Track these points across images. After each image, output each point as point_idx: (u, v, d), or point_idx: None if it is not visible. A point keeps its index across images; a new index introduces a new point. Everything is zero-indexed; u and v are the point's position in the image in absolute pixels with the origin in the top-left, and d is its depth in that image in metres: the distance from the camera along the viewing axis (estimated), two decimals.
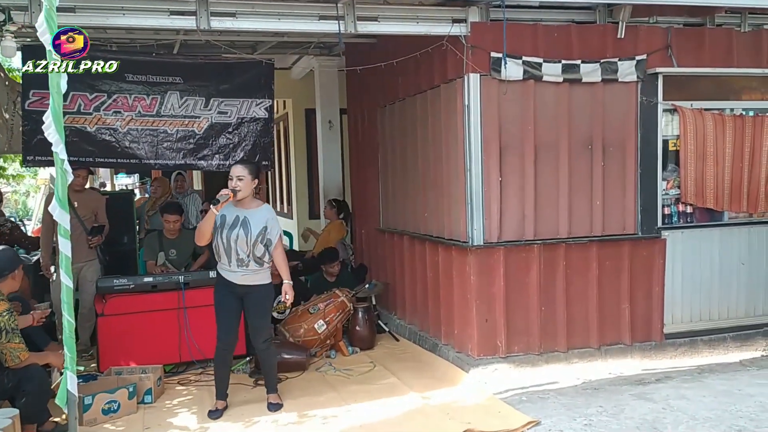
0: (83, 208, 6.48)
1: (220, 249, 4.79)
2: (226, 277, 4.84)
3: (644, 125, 5.74)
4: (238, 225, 4.74)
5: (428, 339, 6.27)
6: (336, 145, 9.51)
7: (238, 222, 4.75)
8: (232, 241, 4.73)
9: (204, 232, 4.76)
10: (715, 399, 4.83)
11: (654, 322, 5.85)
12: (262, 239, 4.78)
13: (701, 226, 5.98)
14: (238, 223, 4.75)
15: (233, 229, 4.73)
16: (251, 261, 4.78)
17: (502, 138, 5.42)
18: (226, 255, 4.77)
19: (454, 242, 5.64)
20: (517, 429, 4.40)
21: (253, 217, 4.80)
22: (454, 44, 5.38)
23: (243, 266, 4.77)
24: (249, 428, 4.64)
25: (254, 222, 4.78)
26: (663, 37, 5.74)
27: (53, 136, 3.54)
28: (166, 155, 6.67)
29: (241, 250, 4.74)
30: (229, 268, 4.80)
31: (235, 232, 4.73)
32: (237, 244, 4.73)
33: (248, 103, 6.88)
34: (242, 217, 4.77)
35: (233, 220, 4.75)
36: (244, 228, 4.74)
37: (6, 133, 6.62)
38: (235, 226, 4.74)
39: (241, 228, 4.74)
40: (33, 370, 4.06)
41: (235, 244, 4.73)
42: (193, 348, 5.88)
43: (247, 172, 4.78)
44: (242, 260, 4.76)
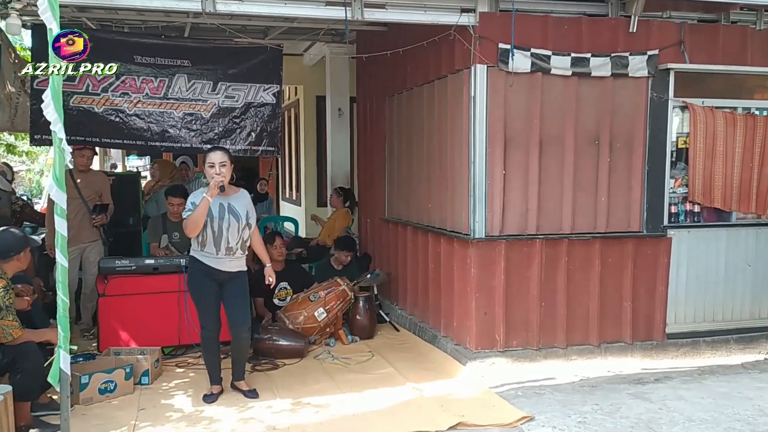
0: (87, 188, 6.51)
1: (207, 238, 4.72)
2: (209, 265, 4.78)
3: (653, 122, 5.66)
4: (226, 213, 4.74)
5: (428, 330, 6.25)
6: (345, 133, 9.48)
7: (225, 210, 4.74)
8: (224, 230, 4.71)
9: (198, 223, 4.63)
10: (713, 401, 4.77)
11: (656, 321, 5.79)
12: (247, 225, 4.80)
13: (708, 226, 5.90)
14: (225, 211, 4.74)
15: (223, 217, 4.72)
16: (239, 248, 4.79)
17: (508, 131, 5.36)
18: (214, 244, 4.73)
19: (456, 234, 5.61)
20: (511, 423, 4.37)
21: (237, 204, 4.80)
22: (461, 34, 5.32)
23: (230, 254, 4.77)
24: (243, 413, 4.64)
25: (239, 208, 4.79)
26: (676, 32, 5.65)
27: (52, 114, 3.53)
28: (173, 138, 6.67)
29: (232, 238, 4.73)
30: (216, 257, 4.76)
31: (225, 220, 4.72)
32: (229, 233, 4.71)
33: (256, 88, 6.86)
34: (227, 205, 4.75)
35: (219, 210, 4.72)
36: (233, 215, 4.74)
37: (9, 110, 6.63)
38: (223, 214, 4.72)
39: (230, 215, 4.74)
40: (28, 348, 4.06)
41: (227, 232, 4.71)
42: (193, 331, 5.84)
43: (227, 158, 4.77)
44: (231, 248, 4.76)
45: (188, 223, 4.67)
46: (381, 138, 7.54)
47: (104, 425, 4.39)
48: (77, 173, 6.53)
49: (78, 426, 4.31)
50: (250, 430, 4.32)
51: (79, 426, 4.32)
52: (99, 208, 6.51)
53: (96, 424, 4.41)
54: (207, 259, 4.79)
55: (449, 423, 4.34)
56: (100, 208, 6.52)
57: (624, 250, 5.68)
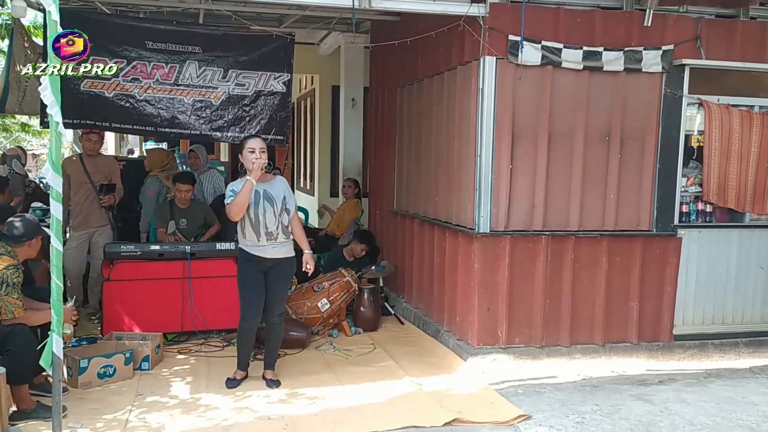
0: (97, 173, 6.55)
1: (246, 226, 4.76)
2: (254, 254, 4.79)
3: (667, 118, 5.54)
4: (262, 199, 4.75)
5: (432, 324, 6.20)
6: (358, 123, 9.42)
7: (260, 196, 4.75)
8: (260, 216, 4.72)
9: (243, 205, 4.63)
10: (716, 405, 4.68)
11: (663, 322, 5.69)
12: (285, 209, 4.80)
13: (720, 227, 5.78)
14: (261, 197, 4.75)
15: (258, 203, 4.73)
16: (280, 233, 4.78)
17: (516, 124, 5.27)
18: (254, 231, 4.74)
19: (461, 228, 5.54)
20: (507, 422, 4.31)
21: (273, 189, 4.82)
22: (471, 25, 5.24)
23: (272, 239, 4.76)
24: (239, 402, 4.64)
25: (275, 193, 4.80)
26: (692, 27, 5.50)
27: (49, 98, 3.51)
28: (182, 124, 6.67)
29: (270, 223, 4.73)
30: (258, 244, 4.77)
31: (261, 206, 4.73)
32: (266, 218, 4.72)
33: (266, 76, 6.83)
34: (262, 191, 4.77)
35: (254, 196, 4.73)
36: (269, 200, 4.76)
37: (18, 93, 6.67)
38: (258, 200, 4.74)
39: (266, 201, 4.75)
40: (18, 330, 4.06)
41: (264, 218, 4.72)
42: (196, 318, 5.91)
43: (265, 144, 4.83)
44: (271, 233, 4.75)
45: (232, 206, 4.68)
46: (392, 129, 7.48)
47: (101, 409, 4.40)
48: (86, 158, 6.57)
49: (75, 409, 4.35)
50: (241, 419, 4.30)
51: (76, 409, 4.36)
52: (106, 188, 6.53)
53: (93, 408, 4.43)
54: (250, 248, 4.81)
55: (445, 419, 4.30)
56: (107, 188, 6.54)
57: (632, 248, 5.58)
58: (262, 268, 4.83)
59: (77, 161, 6.65)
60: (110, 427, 4.14)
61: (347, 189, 8.55)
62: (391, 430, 4.16)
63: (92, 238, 6.57)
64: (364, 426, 4.20)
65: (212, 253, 6.07)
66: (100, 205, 6.52)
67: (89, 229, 6.54)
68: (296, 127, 13.91)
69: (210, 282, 6.00)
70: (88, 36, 6.23)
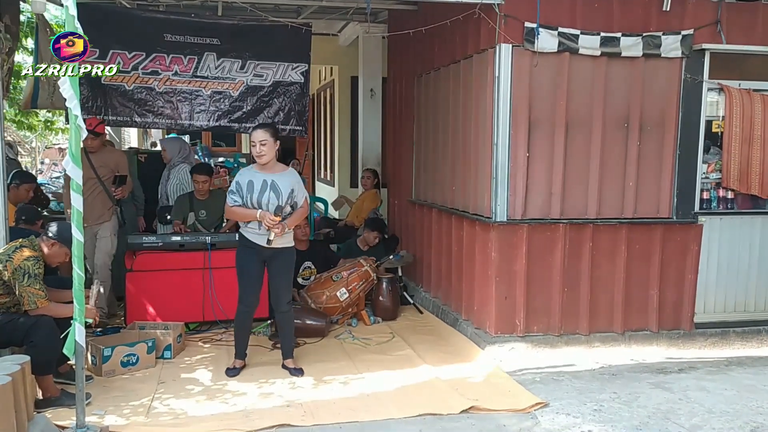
0: (103, 167, 6.18)
1: None
2: (253, 241, 4.87)
3: (686, 104, 5.47)
4: (268, 188, 4.79)
5: (450, 313, 6.21)
6: (377, 114, 9.44)
7: (267, 186, 4.79)
8: (264, 205, 4.76)
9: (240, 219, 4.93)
10: (737, 393, 4.64)
11: (684, 310, 5.64)
12: (291, 202, 4.83)
13: (742, 213, 5.69)
14: (267, 187, 4.79)
15: (263, 192, 4.78)
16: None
17: (532, 112, 5.25)
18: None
19: (478, 217, 5.53)
20: (524, 409, 4.32)
21: (281, 181, 4.84)
22: (487, 13, 5.21)
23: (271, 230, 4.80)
24: (263, 389, 4.70)
25: (282, 185, 4.82)
26: (713, 11, 5.42)
27: (68, 91, 3.58)
28: (201, 116, 6.75)
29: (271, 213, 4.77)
30: (258, 232, 4.83)
31: (266, 195, 4.77)
32: (268, 208, 4.76)
33: (284, 67, 6.88)
34: (270, 181, 4.81)
35: (261, 185, 4.79)
36: (275, 191, 4.79)
37: (48, 88, 6.77)
38: (264, 190, 4.78)
39: (271, 191, 4.79)
40: (42, 322, 4.14)
41: (266, 207, 4.76)
42: (217, 308, 5.99)
43: (269, 135, 4.79)
44: None
45: (231, 213, 5.00)
46: (410, 119, 7.48)
47: (124, 397, 4.49)
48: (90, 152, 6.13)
49: (99, 397, 4.44)
50: (262, 405, 4.36)
51: (100, 397, 4.45)
52: (119, 179, 6.21)
53: (116, 395, 4.52)
54: (250, 234, 4.87)
55: (462, 406, 4.32)
56: (120, 179, 6.21)
57: (652, 236, 5.53)
58: (262, 256, 4.88)
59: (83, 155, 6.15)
60: (135, 413, 4.23)
61: (366, 179, 8.58)
62: (408, 417, 4.19)
63: (97, 232, 6.21)
64: (381, 413, 4.24)
65: (232, 244, 6.05)
66: (112, 197, 6.21)
67: (93, 224, 6.09)
68: (316, 119, 13.96)
69: (230, 272, 5.94)
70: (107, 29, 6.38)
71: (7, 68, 5.71)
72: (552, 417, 4.22)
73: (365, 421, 4.12)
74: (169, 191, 7.00)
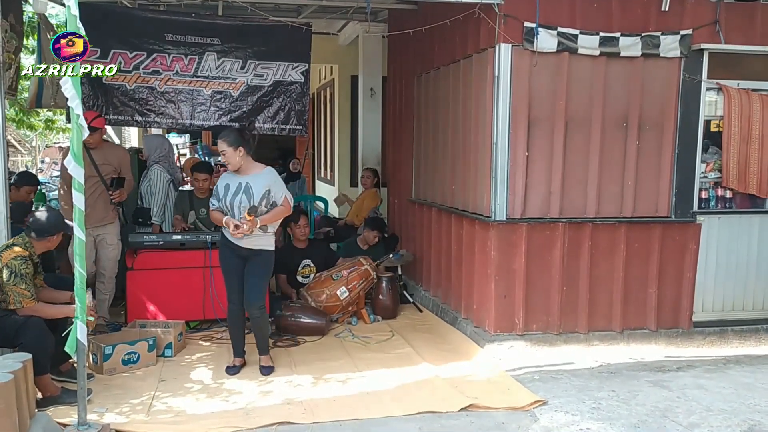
0: (106, 165, 5.83)
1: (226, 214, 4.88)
2: (230, 240, 4.91)
3: (685, 104, 5.49)
4: (241, 191, 4.83)
5: (449, 312, 6.24)
6: (377, 113, 9.47)
7: (241, 188, 4.83)
8: (235, 207, 4.81)
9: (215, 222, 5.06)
10: (734, 391, 4.66)
11: (682, 308, 5.66)
12: (266, 203, 4.83)
13: (741, 213, 5.72)
14: (241, 190, 4.83)
15: (236, 195, 4.82)
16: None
17: (532, 112, 5.27)
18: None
19: (478, 216, 5.56)
20: (523, 407, 4.34)
21: (255, 182, 4.85)
22: (486, 13, 5.23)
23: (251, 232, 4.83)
24: (262, 386, 4.73)
25: (256, 187, 4.83)
26: (711, 11, 5.44)
27: (70, 91, 3.61)
28: (202, 116, 6.76)
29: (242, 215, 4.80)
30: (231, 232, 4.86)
31: (237, 198, 4.81)
32: (240, 210, 4.79)
33: (285, 67, 6.89)
34: (244, 184, 4.84)
35: (236, 188, 4.84)
36: (246, 194, 4.82)
37: (51, 87, 6.79)
38: (237, 192, 4.82)
39: (243, 194, 4.82)
40: (32, 324, 4.12)
41: (239, 209, 4.79)
42: (217, 306, 5.99)
43: (226, 145, 4.80)
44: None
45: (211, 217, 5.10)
46: (409, 118, 7.50)
47: (125, 395, 4.51)
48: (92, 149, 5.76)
49: (100, 395, 4.46)
50: (262, 403, 4.39)
51: (101, 395, 4.47)
52: (116, 182, 5.84)
53: (117, 393, 4.54)
54: (227, 233, 4.91)
55: (461, 404, 4.34)
56: (117, 182, 5.85)
57: (650, 235, 5.55)
58: (240, 254, 4.93)
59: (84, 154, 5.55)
60: (135, 411, 4.25)
61: (366, 179, 8.61)
62: (408, 415, 4.22)
63: (99, 236, 5.86)
64: (381, 411, 4.26)
65: None
66: (110, 200, 5.83)
67: (94, 226, 5.71)
68: (316, 118, 13.98)
69: None
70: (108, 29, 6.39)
71: (15, 67, 5.70)
72: (551, 415, 4.24)
73: (365, 419, 4.14)
74: (143, 192, 6.80)
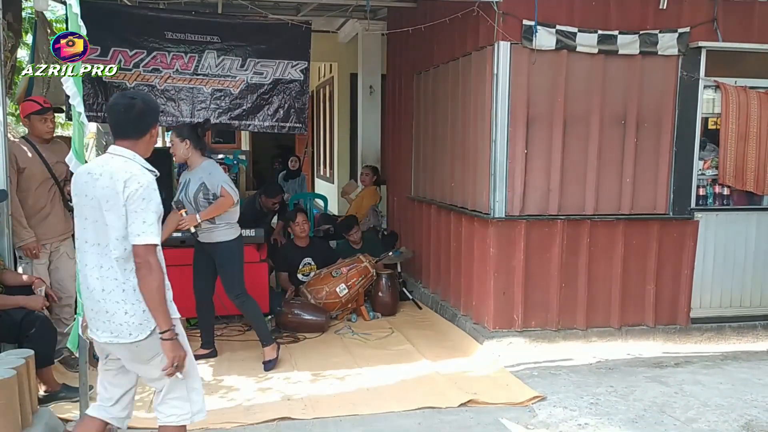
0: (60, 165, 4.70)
1: None
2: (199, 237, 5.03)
3: (683, 101, 5.52)
4: (182, 188, 4.92)
5: (449, 309, 6.27)
6: (376, 111, 9.48)
7: (183, 185, 4.93)
8: (184, 203, 4.88)
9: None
10: (732, 387, 4.69)
11: (680, 305, 5.70)
12: (205, 196, 4.86)
13: (738, 210, 5.75)
14: (183, 186, 4.93)
15: (182, 191, 4.93)
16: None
17: (531, 109, 5.30)
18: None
19: (477, 213, 5.59)
20: (522, 402, 4.38)
21: (193, 177, 4.93)
22: (485, 11, 5.26)
23: (197, 226, 4.89)
24: (261, 383, 4.76)
25: (193, 181, 4.90)
26: (709, 9, 5.47)
27: (71, 88, 3.62)
28: (202, 114, 6.76)
29: (189, 211, 4.86)
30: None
31: (180, 195, 4.91)
32: (185, 206, 4.86)
33: (284, 65, 6.90)
34: (186, 180, 4.93)
35: (183, 184, 4.95)
36: (185, 190, 4.91)
37: (42, 85, 6.78)
38: (183, 188, 4.92)
39: (183, 191, 4.91)
40: (34, 317, 4.17)
41: (185, 206, 4.87)
42: (217, 303, 6.01)
43: (175, 134, 4.92)
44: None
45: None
46: (409, 116, 7.53)
47: None
48: (41, 144, 4.82)
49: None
50: (262, 400, 4.42)
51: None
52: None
53: None
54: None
55: (460, 400, 4.37)
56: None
57: (648, 232, 5.59)
58: (204, 249, 5.07)
59: (30, 149, 4.75)
60: (136, 407, 4.25)
61: (365, 176, 8.63)
62: (407, 410, 4.25)
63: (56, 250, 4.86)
64: (381, 407, 4.29)
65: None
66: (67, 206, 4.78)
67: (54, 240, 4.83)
68: (315, 115, 13.99)
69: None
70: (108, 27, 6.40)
71: (11, 65, 5.72)
72: (549, 410, 4.27)
73: (365, 415, 4.17)
74: None
